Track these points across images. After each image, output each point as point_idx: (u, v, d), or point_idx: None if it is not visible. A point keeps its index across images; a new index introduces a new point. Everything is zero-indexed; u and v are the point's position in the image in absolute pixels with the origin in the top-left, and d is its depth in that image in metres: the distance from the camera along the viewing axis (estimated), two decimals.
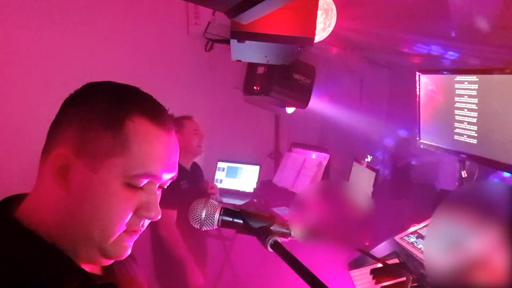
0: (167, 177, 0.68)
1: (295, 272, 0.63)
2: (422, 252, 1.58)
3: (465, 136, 1.79)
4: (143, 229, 0.68)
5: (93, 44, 2.29)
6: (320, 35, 1.93)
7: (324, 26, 1.93)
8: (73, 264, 0.63)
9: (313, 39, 1.50)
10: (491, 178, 2.04)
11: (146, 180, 0.65)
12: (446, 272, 0.76)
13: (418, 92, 2.15)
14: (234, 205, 2.91)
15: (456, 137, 1.86)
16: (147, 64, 2.65)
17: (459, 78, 1.79)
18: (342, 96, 3.92)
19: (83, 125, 0.62)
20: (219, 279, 3.06)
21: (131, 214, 0.64)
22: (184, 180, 2.25)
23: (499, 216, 0.76)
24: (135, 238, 0.68)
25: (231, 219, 0.75)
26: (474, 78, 1.69)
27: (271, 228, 0.74)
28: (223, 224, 0.75)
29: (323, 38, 1.98)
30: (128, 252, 0.68)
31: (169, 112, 0.70)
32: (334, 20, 1.95)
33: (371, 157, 3.89)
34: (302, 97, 2.69)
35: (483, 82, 1.65)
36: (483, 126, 1.68)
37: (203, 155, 2.44)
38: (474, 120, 1.71)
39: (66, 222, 0.62)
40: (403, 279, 1.51)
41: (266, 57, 1.88)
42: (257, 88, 2.65)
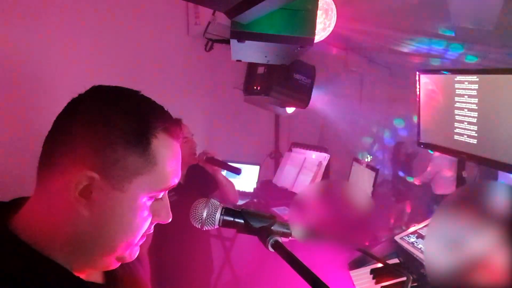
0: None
1: (296, 271, 0.63)
2: (422, 252, 1.58)
3: (465, 136, 1.79)
4: (151, 231, 0.70)
5: (93, 44, 2.29)
6: (320, 35, 1.92)
7: (324, 26, 1.93)
8: (70, 274, 0.63)
9: (313, 39, 1.49)
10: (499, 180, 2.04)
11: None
12: (446, 272, 0.76)
13: (418, 92, 2.15)
14: (234, 205, 2.90)
15: (456, 137, 1.86)
16: (147, 64, 2.65)
17: (459, 78, 1.79)
18: (342, 96, 3.92)
19: (106, 145, 0.60)
20: (219, 279, 3.06)
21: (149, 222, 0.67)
22: (172, 192, 2.16)
23: (499, 216, 0.76)
24: (144, 239, 0.70)
25: (232, 219, 0.75)
26: (474, 78, 1.69)
27: (272, 228, 0.74)
28: (224, 223, 0.75)
29: (323, 38, 1.97)
30: (138, 253, 0.70)
31: (169, 112, 0.70)
32: (334, 20, 1.95)
33: (371, 157, 3.90)
34: (302, 97, 2.69)
35: (483, 82, 1.65)
36: (483, 126, 1.68)
37: None
38: (474, 120, 1.72)
39: (81, 237, 0.62)
40: (403, 279, 1.51)
41: (266, 57, 1.87)
42: (257, 88, 2.65)
